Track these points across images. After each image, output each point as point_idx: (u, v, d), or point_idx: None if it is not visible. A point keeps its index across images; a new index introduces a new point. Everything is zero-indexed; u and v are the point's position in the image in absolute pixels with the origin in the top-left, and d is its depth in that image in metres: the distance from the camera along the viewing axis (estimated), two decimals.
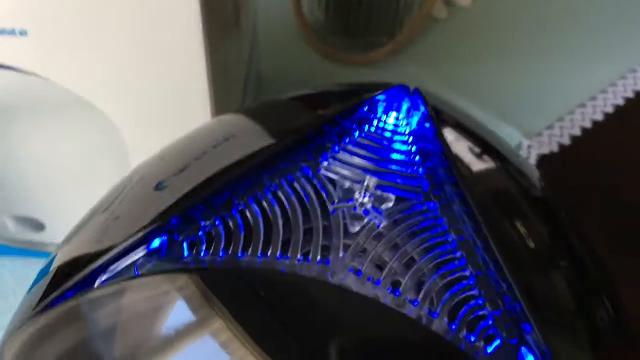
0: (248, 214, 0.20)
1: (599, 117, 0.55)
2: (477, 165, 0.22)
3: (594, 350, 0.21)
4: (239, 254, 0.20)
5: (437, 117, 0.24)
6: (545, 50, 0.60)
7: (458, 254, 0.20)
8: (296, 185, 0.21)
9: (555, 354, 0.18)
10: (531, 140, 0.53)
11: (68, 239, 0.25)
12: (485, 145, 0.23)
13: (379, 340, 0.19)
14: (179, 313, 0.21)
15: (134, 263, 0.21)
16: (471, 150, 0.23)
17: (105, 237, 0.22)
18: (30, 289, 0.24)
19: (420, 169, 0.22)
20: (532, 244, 0.21)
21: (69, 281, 0.21)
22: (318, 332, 0.19)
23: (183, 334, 0.20)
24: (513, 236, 0.21)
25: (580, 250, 0.24)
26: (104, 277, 0.21)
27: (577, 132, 0.54)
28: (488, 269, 0.20)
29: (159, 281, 0.21)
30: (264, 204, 0.21)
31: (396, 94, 0.25)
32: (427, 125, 0.24)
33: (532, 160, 0.52)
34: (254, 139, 0.24)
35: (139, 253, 0.21)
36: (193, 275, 0.21)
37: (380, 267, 0.20)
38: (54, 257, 0.24)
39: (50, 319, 0.22)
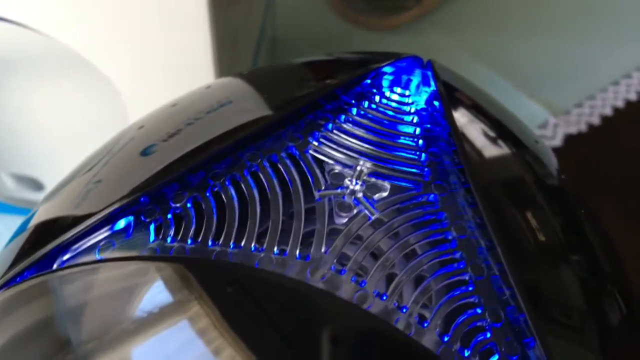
0: (223, 197, 0.18)
1: (633, 96, 0.51)
2: (489, 152, 0.20)
3: (605, 351, 0.18)
4: (210, 243, 0.17)
5: (449, 95, 0.21)
6: (580, 25, 0.56)
7: (458, 255, 0.17)
8: (280, 166, 0.19)
9: None
10: (558, 118, 0.50)
11: (51, 195, 0.23)
12: (500, 130, 0.21)
13: (361, 349, 0.17)
14: (154, 294, 0.19)
15: (96, 244, 0.19)
16: (484, 135, 0.20)
17: (85, 201, 0.20)
18: (7, 244, 0.22)
19: (423, 155, 0.19)
20: (542, 239, 0.19)
21: (27, 259, 0.19)
22: (299, 330, 0.17)
23: (157, 317, 0.18)
24: (522, 233, 0.18)
25: (594, 245, 0.21)
26: (65, 257, 0.19)
27: (608, 111, 0.50)
28: (491, 274, 0.17)
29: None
30: (242, 186, 0.18)
31: (406, 67, 0.22)
32: (436, 104, 0.21)
33: (559, 139, 0.49)
34: (248, 108, 0.21)
35: (102, 234, 0.19)
36: None
37: (367, 266, 0.17)
38: (34, 213, 0.23)
39: (14, 292, 0.20)
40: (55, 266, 0.19)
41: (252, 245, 0.17)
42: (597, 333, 0.19)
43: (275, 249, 0.17)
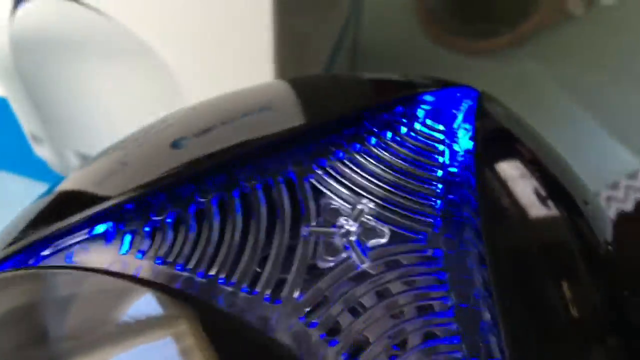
0: (206, 216, 0.16)
1: None
2: (520, 210, 0.17)
3: None
4: (178, 266, 0.16)
5: (491, 137, 0.19)
6: None
7: (453, 327, 0.15)
8: (274, 192, 0.17)
9: None
10: None
11: (87, 162, 0.22)
12: (543, 186, 0.18)
13: None
14: (145, 301, 0.17)
15: (73, 245, 0.17)
16: (520, 189, 0.17)
17: (107, 181, 0.19)
18: (39, 197, 0.22)
19: (439, 202, 0.17)
20: (566, 328, 0.15)
21: (12, 247, 0.18)
22: None
23: (143, 327, 0.17)
24: (540, 317, 0.15)
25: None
26: (44, 252, 0.18)
27: None
28: (490, 358, 0.14)
29: None
30: (228, 207, 0.16)
31: (454, 98, 0.20)
32: (470, 144, 0.18)
33: None
34: (280, 119, 0.20)
35: (81, 235, 0.17)
36: None
37: (342, 323, 0.15)
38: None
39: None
40: (30, 262, 0.18)
41: (221, 276, 0.15)
42: None
43: (246, 285, 0.15)
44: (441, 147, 0.18)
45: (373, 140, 0.18)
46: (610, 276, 0.18)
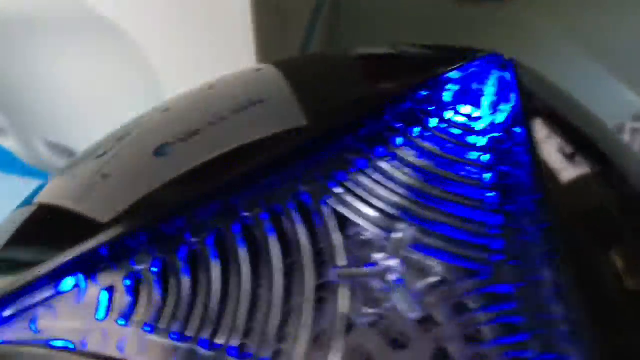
0: (201, 261, 0.13)
1: None
2: (604, 211, 0.13)
3: None
4: (173, 333, 0.12)
5: (538, 118, 0.15)
6: None
7: None
8: (285, 221, 0.13)
9: None
10: None
11: (67, 168, 0.20)
12: (612, 177, 0.14)
13: None
14: None
15: (35, 305, 0.14)
16: (599, 186, 0.14)
17: (88, 196, 0.16)
18: (21, 205, 0.19)
19: (497, 217, 0.13)
20: None
21: None
22: None
23: None
24: None
25: None
26: (6, 313, 0.14)
27: None
28: None
29: None
30: (228, 247, 0.13)
31: (479, 71, 0.16)
32: (517, 131, 0.15)
33: None
34: (276, 117, 0.16)
35: (46, 291, 0.14)
36: None
37: None
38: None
39: None
40: None
41: (232, 345, 0.12)
42: None
43: (268, 356, 0.12)
44: (483, 141, 0.15)
45: (399, 140, 0.14)
46: None
